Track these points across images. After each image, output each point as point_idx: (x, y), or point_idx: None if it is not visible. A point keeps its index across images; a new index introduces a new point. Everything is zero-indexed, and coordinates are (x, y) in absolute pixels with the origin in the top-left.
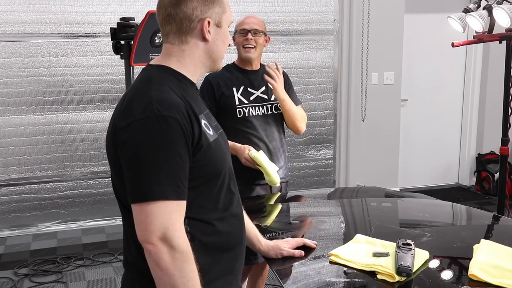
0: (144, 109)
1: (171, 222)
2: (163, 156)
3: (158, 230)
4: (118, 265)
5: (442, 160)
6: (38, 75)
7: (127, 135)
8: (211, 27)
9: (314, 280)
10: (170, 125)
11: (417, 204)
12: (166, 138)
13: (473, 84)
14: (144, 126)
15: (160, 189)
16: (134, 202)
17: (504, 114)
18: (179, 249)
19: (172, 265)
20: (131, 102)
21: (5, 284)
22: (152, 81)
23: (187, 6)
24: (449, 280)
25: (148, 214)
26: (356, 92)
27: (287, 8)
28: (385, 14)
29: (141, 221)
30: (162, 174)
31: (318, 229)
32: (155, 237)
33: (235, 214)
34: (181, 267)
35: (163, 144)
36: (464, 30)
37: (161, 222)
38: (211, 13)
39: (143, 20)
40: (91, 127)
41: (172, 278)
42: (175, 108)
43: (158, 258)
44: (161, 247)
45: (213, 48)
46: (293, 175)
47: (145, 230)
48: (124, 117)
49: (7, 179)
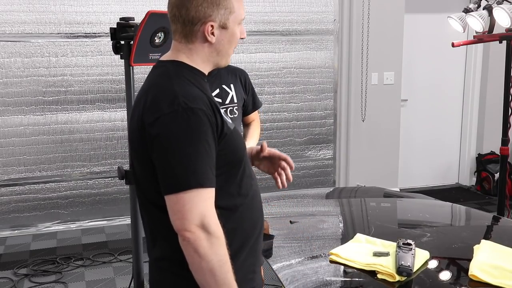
0: (171, 103)
1: (207, 209)
2: (194, 147)
3: (196, 218)
4: (118, 265)
5: (442, 160)
6: (38, 75)
7: (157, 129)
8: (215, 29)
9: (312, 279)
10: (197, 117)
11: (417, 204)
12: (195, 129)
13: (473, 84)
14: (173, 119)
15: (196, 178)
16: (170, 192)
17: (504, 114)
18: (215, 234)
19: (210, 251)
20: (156, 98)
21: (4, 284)
22: (171, 76)
23: (190, 9)
24: (449, 280)
25: (185, 203)
26: (356, 92)
27: (287, 8)
28: (385, 14)
29: (178, 211)
30: (195, 163)
31: (317, 229)
32: (194, 224)
33: (256, 198)
34: (218, 252)
35: (193, 135)
36: (464, 30)
37: (199, 210)
38: (215, 16)
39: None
40: (91, 127)
41: (210, 263)
42: (200, 100)
43: (197, 245)
44: (200, 234)
45: (218, 48)
46: (293, 175)
47: (182, 218)
48: (151, 113)
49: (7, 179)
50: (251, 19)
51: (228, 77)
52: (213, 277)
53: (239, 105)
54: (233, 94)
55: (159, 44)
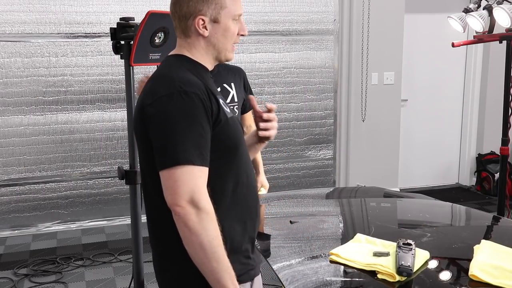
0: (168, 86)
1: (197, 186)
2: (187, 126)
3: (186, 193)
4: (118, 265)
5: (442, 160)
6: (38, 75)
7: (154, 109)
8: (207, 24)
9: (312, 279)
10: (192, 99)
11: (417, 204)
12: (189, 110)
13: (473, 84)
14: (169, 100)
15: (186, 155)
16: (163, 168)
17: (504, 114)
18: (205, 210)
19: (199, 225)
20: (155, 83)
21: (5, 284)
22: (171, 66)
23: (182, 5)
24: (449, 280)
25: (176, 178)
26: (356, 92)
27: (287, 8)
28: (385, 14)
29: (169, 186)
30: (187, 141)
31: (317, 229)
32: (183, 200)
33: (251, 187)
34: (207, 227)
35: (187, 116)
36: (464, 30)
37: (188, 186)
38: (205, 10)
39: (143, 20)
40: (91, 127)
41: (199, 237)
42: (195, 86)
43: (187, 219)
44: (189, 209)
45: (213, 41)
46: (293, 175)
47: (174, 194)
48: (149, 95)
49: (7, 179)
50: (251, 19)
51: (228, 76)
52: (202, 250)
53: (239, 104)
54: (234, 93)
55: (159, 44)
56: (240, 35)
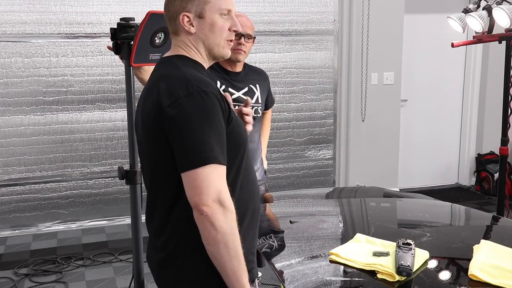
0: (185, 87)
1: (223, 185)
2: (210, 126)
3: (213, 193)
4: (118, 265)
5: (442, 160)
6: (38, 75)
7: (175, 111)
8: (193, 20)
9: (312, 279)
10: (210, 99)
11: (417, 204)
12: (209, 109)
13: (473, 84)
14: (189, 101)
15: (214, 155)
16: (188, 169)
17: (504, 114)
18: (230, 209)
19: (225, 224)
20: (170, 84)
21: (5, 284)
22: (178, 65)
23: (170, 5)
24: (449, 280)
25: (203, 178)
26: (356, 92)
27: (287, 8)
28: (385, 14)
29: (196, 186)
30: (212, 140)
31: (317, 229)
32: (211, 199)
33: (255, 185)
34: (232, 226)
35: (208, 115)
36: (463, 30)
37: (216, 185)
38: (190, 7)
39: (143, 21)
40: (91, 127)
41: (224, 236)
42: (210, 85)
43: (214, 219)
44: (217, 208)
45: (201, 37)
46: (293, 175)
47: (200, 194)
48: (167, 97)
49: (7, 179)
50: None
51: (254, 77)
52: (226, 249)
53: (263, 105)
54: (259, 95)
55: (160, 44)
56: (233, 32)
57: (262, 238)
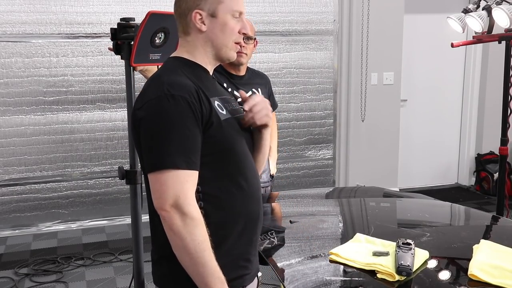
0: (156, 90)
1: (182, 191)
2: (173, 130)
3: (170, 198)
4: (118, 264)
5: (442, 160)
6: (39, 76)
7: (142, 113)
8: (205, 18)
9: (312, 279)
10: (178, 103)
11: (416, 204)
12: (175, 114)
13: (473, 84)
14: (156, 104)
15: (171, 160)
16: (150, 172)
17: (504, 114)
18: (189, 215)
19: (183, 230)
20: (147, 87)
21: (5, 284)
22: (166, 69)
23: (181, 2)
24: (449, 280)
25: (162, 182)
26: (355, 92)
27: (287, 8)
28: (385, 15)
29: (156, 190)
30: (172, 146)
31: (317, 228)
32: (168, 204)
33: (252, 188)
34: (192, 232)
35: (173, 119)
36: (463, 30)
37: (173, 190)
38: (203, 5)
39: (143, 21)
40: (91, 127)
41: (184, 241)
42: (184, 89)
43: (171, 223)
44: (173, 213)
45: (211, 37)
46: (293, 175)
47: (159, 198)
48: (140, 99)
49: (8, 179)
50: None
51: (257, 81)
52: (188, 255)
53: None
54: None
55: (160, 44)
56: (242, 34)
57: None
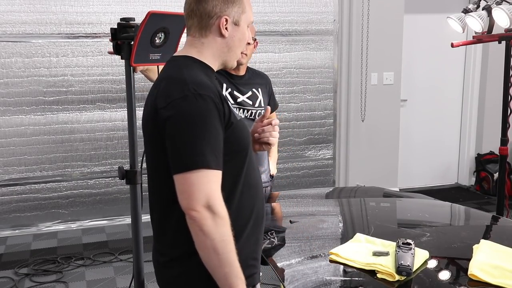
0: (182, 89)
1: (212, 191)
2: (203, 130)
3: (202, 198)
4: (118, 265)
5: (442, 160)
6: (39, 75)
7: (169, 112)
8: (228, 25)
9: (312, 279)
10: (206, 102)
11: (416, 204)
12: (203, 113)
13: (473, 84)
14: (184, 103)
15: (203, 159)
16: (178, 172)
17: (504, 114)
18: (220, 215)
19: (214, 230)
20: (168, 86)
21: (5, 283)
22: (181, 67)
23: (208, 3)
24: (449, 280)
25: (193, 183)
26: (355, 92)
27: (287, 8)
28: (385, 15)
29: (185, 190)
30: (203, 145)
31: (317, 228)
32: (199, 204)
33: (259, 189)
34: (221, 231)
35: (202, 119)
36: (463, 30)
37: (204, 190)
38: (230, 11)
39: (143, 21)
40: (91, 127)
41: (213, 241)
42: (208, 88)
43: (202, 224)
44: (205, 213)
45: (230, 44)
46: (293, 175)
47: (189, 198)
48: (163, 98)
49: (8, 179)
50: None
51: (257, 81)
52: (216, 255)
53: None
54: (261, 99)
55: (160, 44)
56: (247, 44)
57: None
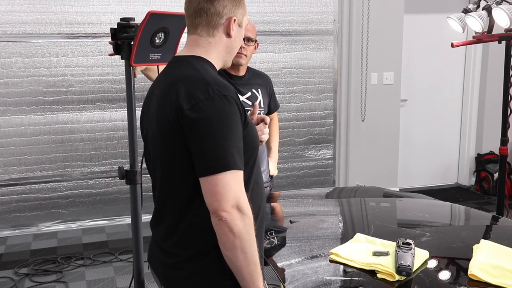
0: (206, 91)
1: (241, 190)
2: (230, 131)
3: (232, 199)
4: (118, 264)
5: (442, 160)
6: (39, 75)
7: (195, 115)
8: (235, 25)
9: (312, 279)
10: (230, 103)
11: (416, 204)
12: (229, 114)
13: (473, 84)
14: (210, 105)
15: (234, 160)
16: (208, 174)
17: (504, 114)
18: (248, 214)
19: (243, 229)
20: (190, 88)
21: (5, 283)
22: (197, 68)
23: (219, 4)
24: (449, 280)
25: (223, 184)
26: (355, 92)
27: (287, 8)
28: (385, 14)
29: (216, 192)
30: (231, 147)
31: (317, 228)
32: (230, 205)
33: (262, 186)
34: (249, 231)
35: (228, 120)
36: (463, 30)
37: (235, 191)
38: (237, 13)
39: (143, 21)
40: (91, 127)
41: (242, 241)
42: (230, 89)
43: (233, 224)
44: (235, 214)
45: (233, 44)
46: (293, 175)
47: (220, 199)
48: (187, 100)
49: (8, 179)
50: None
51: (257, 81)
52: (243, 254)
53: (265, 109)
54: (261, 99)
55: (160, 44)
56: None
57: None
